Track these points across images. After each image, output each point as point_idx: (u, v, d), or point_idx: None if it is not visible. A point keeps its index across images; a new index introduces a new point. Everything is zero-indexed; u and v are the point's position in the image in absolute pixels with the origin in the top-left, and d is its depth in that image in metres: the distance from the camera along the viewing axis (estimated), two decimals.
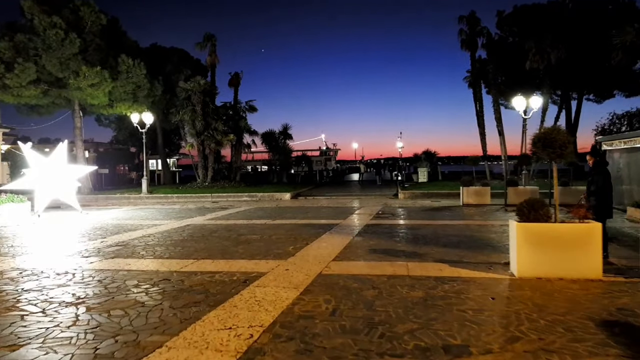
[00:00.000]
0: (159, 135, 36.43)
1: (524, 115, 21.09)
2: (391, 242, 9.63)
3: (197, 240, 10.37)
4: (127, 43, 26.69)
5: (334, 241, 9.72)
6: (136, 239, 10.61)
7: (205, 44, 32.07)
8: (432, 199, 21.62)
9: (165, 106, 31.50)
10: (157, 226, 13.02)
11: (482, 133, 30.46)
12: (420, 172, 32.85)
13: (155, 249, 9.19)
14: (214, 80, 32.84)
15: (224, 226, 12.82)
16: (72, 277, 6.85)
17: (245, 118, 32.93)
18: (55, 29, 21.56)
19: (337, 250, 8.57)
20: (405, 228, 11.84)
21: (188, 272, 7.07)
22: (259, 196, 23.61)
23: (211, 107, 29.28)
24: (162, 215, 16.39)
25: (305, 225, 12.56)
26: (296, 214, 15.96)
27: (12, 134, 27.88)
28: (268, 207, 19.14)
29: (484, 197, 18.73)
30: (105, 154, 36.94)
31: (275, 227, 12.31)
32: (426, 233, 10.67)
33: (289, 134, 36.96)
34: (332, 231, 11.28)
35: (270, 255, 8.28)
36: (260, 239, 10.43)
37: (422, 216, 14.48)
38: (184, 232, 11.83)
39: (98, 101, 23.61)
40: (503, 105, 30.77)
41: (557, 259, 6.08)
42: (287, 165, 37.55)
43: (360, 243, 9.48)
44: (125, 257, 8.37)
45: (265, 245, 9.42)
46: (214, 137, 28.49)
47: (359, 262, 7.59)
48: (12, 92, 21.56)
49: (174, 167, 42.30)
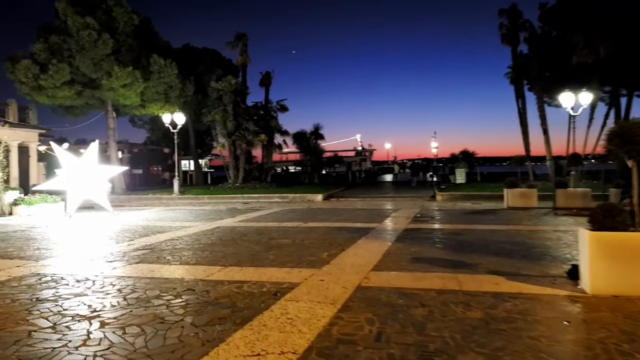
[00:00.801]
0: (192, 136, 36.44)
1: (572, 112, 19.84)
2: (435, 249, 8.82)
3: (226, 244, 9.82)
4: (159, 43, 26.65)
5: (372, 247, 8.99)
6: (163, 242, 10.15)
7: (236, 43, 31.78)
8: (472, 201, 20.57)
9: (197, 107, 31.41)
10: (186, 228, 12.58)
11: (525, 132, 29.00)
12: (458, 172, 31.62)
13: (182, 254, 8.68)
14: (245, 80, 32.58)
15: (255, 229, 12.26)
16: (91, 285, 6.37)
17: (276, 118, 32.55)
18: (88, 30, 21.61)
19: (375, 258, 7.84)
20: (448, 233, 10.98)
21: (214, 281, 6.48)
22: (290, 197, 23.06)
23: (242, 107, 28.97)
24: (192, 216, 16.00)
25: (340, 229, 11.87)
26: (329, 216, 15.29)
27: (48, 135, 28.22)
28: (300, 208, 18.54)
29: (531, 199, 17.57)
30: (139, 154, 37.26)
31: (308, 231, 11.66)
32: (472, 239, 9.81)
33: (321, 134, 36.38)
34: (369, 236, 10.55)
35: (303, 263, 7.63)
36: (292, 243, 9.80)
37: (464, 220, 13.57)
38: (213, 235, 11.32)
39: (130, 101, 23.58)
40: (547, 102, 29.21)
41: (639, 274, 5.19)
42: (318, 166, 36.90)
43: (400, 250, 8.72)
44: (150, 263, 7.87)
45: (297, 251, 8.78)
46: (245, 138, 28.15)
47: (402, 273, 6.84)
48: (47, 93, 21.73)
49: (206, 167, 42.39)
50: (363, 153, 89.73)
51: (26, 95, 22.17)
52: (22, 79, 21.24)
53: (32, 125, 22.90)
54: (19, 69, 21.13)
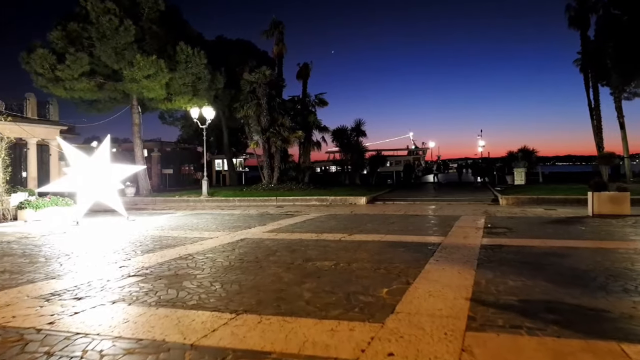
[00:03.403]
0: (225, 133, 34.43)
1: None
2: (542, 282, 6.02)
3: (247, 268, 7.33)
4: (187, 32, 24.57)
5: (449, 279, 6.29)
6: (167, 263, 7.77)
7: (272, 31, 29.39)
8: (544, 206, 17.47)
9: (230, 102, 29.28)
10: (203, 241, 10.20)
11: (598, 126, 25.29)
12: (517, 173, 28.17)
13: (182, 286, 6.23)
14: (280, 72, 30.15)
15: (287, 243, 9.74)
16: (24, 346, 3.97)
17: (315, 113, 30.01)
18: (108, 15, 19.73)
19: (462, 301, 5.16)
20: (544, 254, 8.10)
21: (215, 348, 3.97)
22: (330, 200, 20.49)
23: (277, 101, 26.62)
24: (216, 224, 13.67)
25: (395, 245, 9.20)
26: (378, 225, 12.62)
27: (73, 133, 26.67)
28: (341, 214, 15.95)
29: (622, 205, 14.37)
30: (171, 153, 35.54)
31: (355, 247, 9.04)
32: (585, 265, 6.92)
33: (362, 130, 33.42)
34: (437, 257, 7.84)
35: (354, 309, 5.04)
36: (335, 268, 7.21)
37: (551, 233, 10.61)
38: (233, 251, 8.87)
39: (155, 94, 21.58)
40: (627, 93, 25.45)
41: None
42: (360, 165, 34.07)
43: (493, 284, 5.98)
44: (130, 303, 5.45)
45: (343, 283, 6.19)
46: (280, 134, 25.74)
47: (520, 336, 4.12)
48: (65, 85, 19.97)
49: (241, 167, 40.35)
50: (416, 152, 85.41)
51: (43, 88, 20.55)
52: (38, 69, 19.60)
53: (50, 120, 21.28)
54: (34, 59, 19.48)
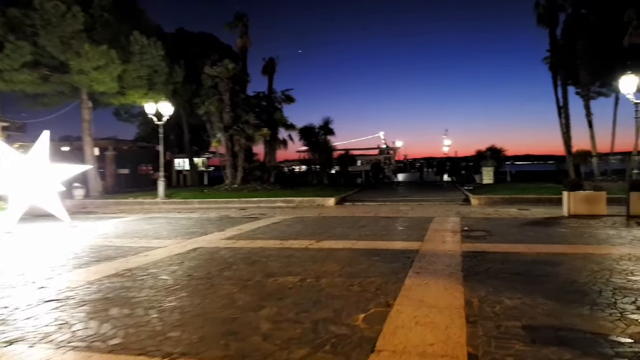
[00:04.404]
0: (186, 131, 32.73)
1: (634, 99, 16.39)
2: (543, 299, 5.07)
3: (195, 288, 6.13)
4: (143, 22, 22.82)
5: (435, 297, 5.29)
6: (99, 282, 6.48)
7: (235, 23, 27.89)
8: (517, 205, 16.86)
9: (191, 97, 27.64)
10: (149, 251, 8.90)
11: (567, 124, 25.04)
12: (486, 172, 27.74)
13: (108, 316, 4.98)
14: (245, 66, 28.69)
15: (246, 253, 8.56)
16: None
17: (281, 110, 28.73)
18: (54, 1, 17.95)
19: (456, 330, 4.17)
20: (532, 262, 7.21)
21: None
22: (297, 201, 19.36)
23: (241, 97, 25.22)
24: (169, 230, 12.32)
25: (369, 253, 8.16)
26: (348, 229, 11.57)
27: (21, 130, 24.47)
28: (309, 216, 14.85)
29: (598, 205, 13.88)
30: (128, 152, 33.54)
31: (323, 257, 7.95)
32: (582, 274, 6.05)
33: (330, 128, 32.35)
34: (418, 268, 6.85)
35: (324, 346, 3.96)
36: (301, 285, 6.11)
37: (531, 237, 9.81)
38: (182, 265, 7.64)
39: (105, 87, 19.87)
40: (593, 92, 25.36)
41: None
42: (328, 165, 33.00)
43: (487, 303, 5.00)
44: (31, 345, 4.17)
45: (311, 307, 5.09)
46: (244, 132, 24.35)
47: None
48: (3, 77, 18.06)
49: (204, 167, 38.60)
50: (387, 151, 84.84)
51: None
52: None
53: None
54: None
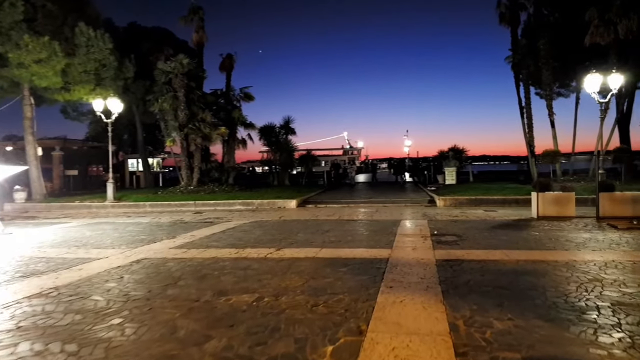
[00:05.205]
0: (139, 130, 31.04)
1: (598, 98, 16.23)
2: (537, 321, 4.40)
3: (131, 312, 5.14)
4: (90, 13, 21.24)
5: (413, 319, 4.52)
6: (15, 305, 5.39)
7: (190, 17, 26.62)
8: (483, 207, 16.55)
9: (145, 94, 26.16)
10: (85, 264, 7.79)
11: (529, 124, 25.07)
12: (448, 172, 27.50)
13: (14, 355, 3.95)
14: (201, 62, 27.42)
15: (196, 265, 7.58)
16: None
17: (240, 108, 27.65)
18: None
19: None
20: (514, 272, 6.60)
21: None
22: (257, 204, 18.38)
23: (197, 94, 23.96)
24: (114, 237, 11.14)
25: (334, 263, 7.36)
26: (311, 234, 10.74)
27: None
28: (269, 220, 13.93)
29: (567, 206, 13.70)
30: (78, 152, 31.51)
31: (284, 269, 7.09)
32: (571, 286, 5.46)
33: (292, 128, 31.44)
34: (390, 282, 6.10)
35: None
36: (257, 306, 5.23)
37: (505, 240, 9.28)
38: (120, 281, 6.60)
39: (48, 82, 18.27)
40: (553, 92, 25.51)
41: None
42: (290, 165, 32.07)
43: (474, 327, 4.28)
44: None
45: (268, 337, 4.22)
46: (200, 130, 23.11)
47: None
48: None
49: (158, 167, 36.86)
50: (351, 151, 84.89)
51: None
52: None
53: None
54: None
